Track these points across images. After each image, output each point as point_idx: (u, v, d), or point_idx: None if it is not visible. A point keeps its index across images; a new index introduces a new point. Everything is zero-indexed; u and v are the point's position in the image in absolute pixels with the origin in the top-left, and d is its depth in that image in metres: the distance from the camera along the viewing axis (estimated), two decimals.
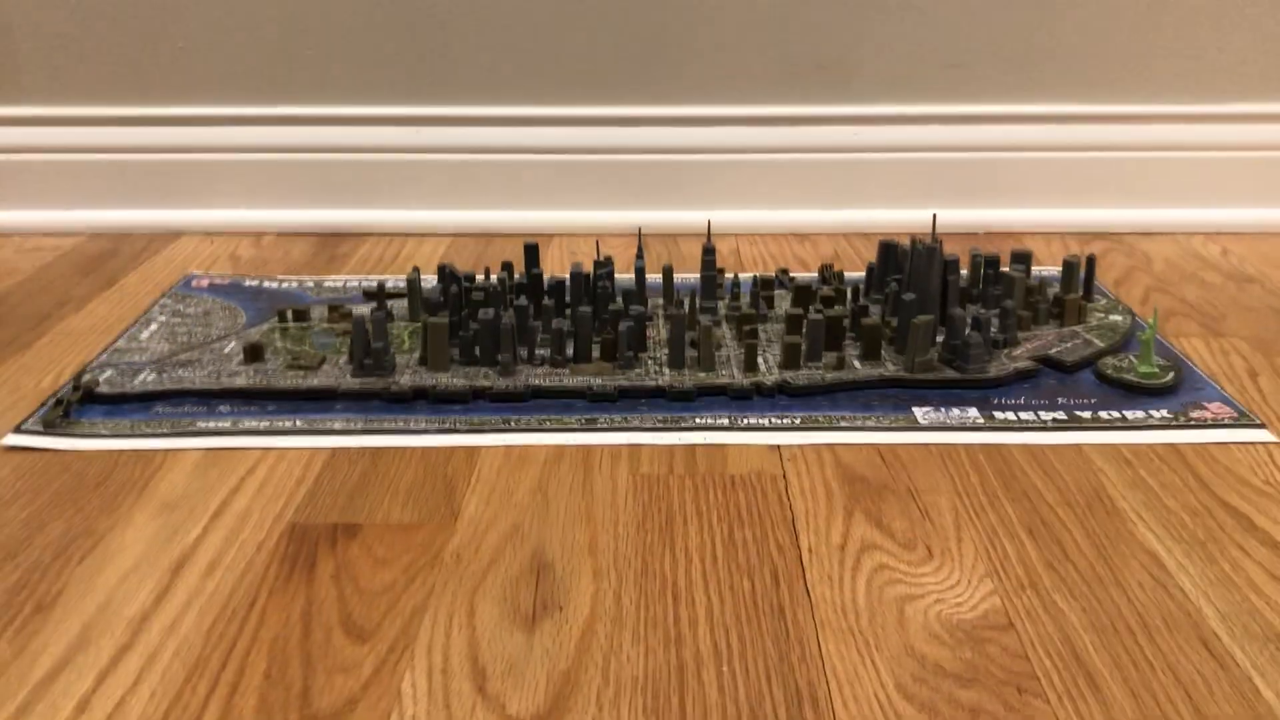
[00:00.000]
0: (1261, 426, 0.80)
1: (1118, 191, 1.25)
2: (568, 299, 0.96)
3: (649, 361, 0.90)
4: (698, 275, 1.01)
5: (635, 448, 0.78)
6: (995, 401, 0.84)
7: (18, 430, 0.80)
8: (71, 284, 1.12)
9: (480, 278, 0.99)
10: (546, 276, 0.97)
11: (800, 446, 0.78)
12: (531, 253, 0.99)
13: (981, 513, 0.70)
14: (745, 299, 1.01)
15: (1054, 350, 0.91)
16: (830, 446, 0.78)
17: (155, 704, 0.54)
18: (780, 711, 0.53)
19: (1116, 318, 0.97)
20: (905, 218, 1.25)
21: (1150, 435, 0.79)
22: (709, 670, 0.56)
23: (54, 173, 1.28)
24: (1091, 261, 1.00)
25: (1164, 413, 0.82)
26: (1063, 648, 0.57)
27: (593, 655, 0.57)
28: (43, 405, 0.84)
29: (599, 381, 0.86)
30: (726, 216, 1.26)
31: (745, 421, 0.81)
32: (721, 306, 1.00)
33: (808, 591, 0.62)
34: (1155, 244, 1.22)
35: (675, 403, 0.84)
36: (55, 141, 1.27)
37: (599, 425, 0.81)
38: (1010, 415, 0.82)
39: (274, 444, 0.79)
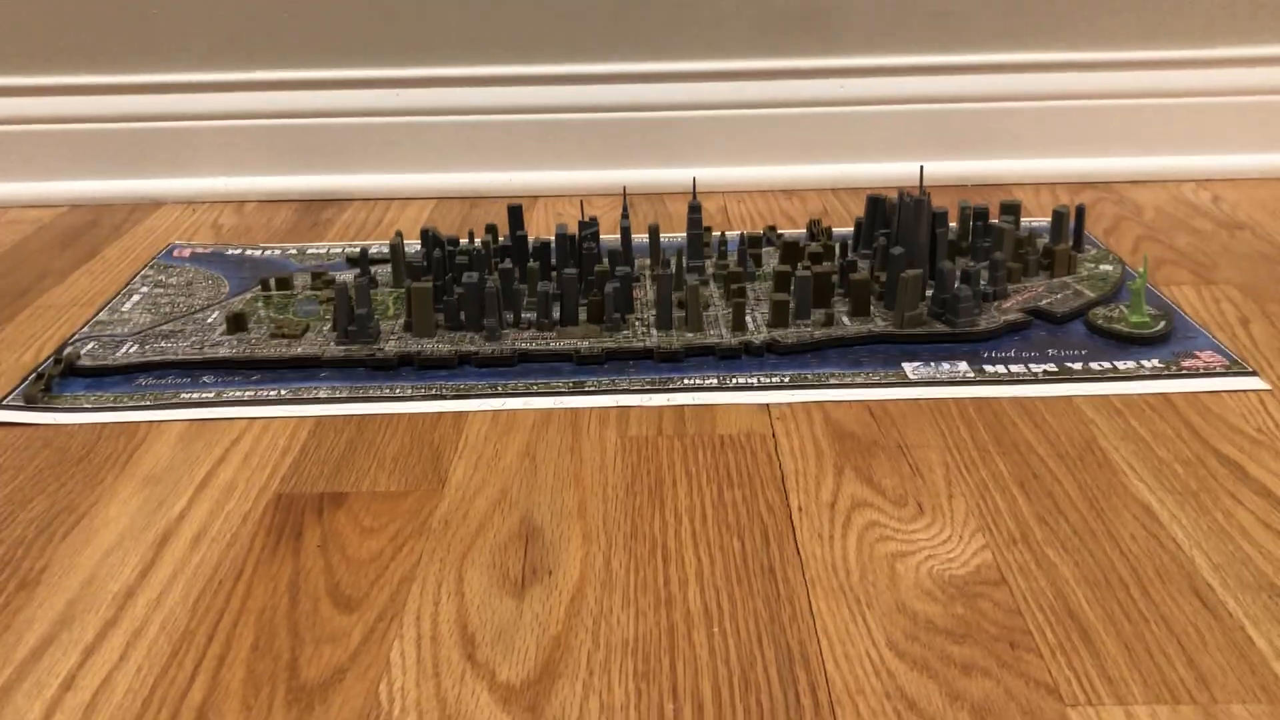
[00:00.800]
0: (1253, 374, 0.79)
1: (1107, 140, 1.24)
2: (553, 261, 0.95)
3: (636, 323, 0.89)
4: (684, 235, 1.00)
5: (624, 410, 0.77)
6: (985, 355, 0.83)
7: None
8: (52, 257, 1.10)
9: (464, 241, 0.97)
10: (531, 239, 0.96)
11: (789, 405, 0.77)
12: (515, 215, 0.98)
13: (972, 467, 0.69)
14: (733, 257, 1.00)
15: (1044, 302, 0.90)
16: (820, 404, 0.77)
17: (141, 679, 0.53)
18: (771, 671, 0.53)
19: (1107, 267, 0.96)
20: (894, 171, 1.24)
21: (1141, 385, 0.78)
22: (700, 631, 0.55)
23: (32, 144, 1.26)
24: (1081, 211, 0.99)
25: (1155, 362, 0.81)
26: (1055, 602, 0.57)
27: (583, 619, 0.57)
28: (24, 380, 0.83)
29: (586, 344, 0.85)
30: (713, 174, 1.25)
31: (734, 381, 0.80)
32: (709, 265, 0.99)
33: (798, 550, 0.61)
34: (1146, 192, 1.21)
35: (663, 364, 0.83)
36: (32, 112, 1.25)
37: (587, 388, 0.80)
38: (1000, 368, 0.81)
39: (259, 414, 0.78)
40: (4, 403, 0.80)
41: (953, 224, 1.02)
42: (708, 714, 0.50)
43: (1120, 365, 0.81)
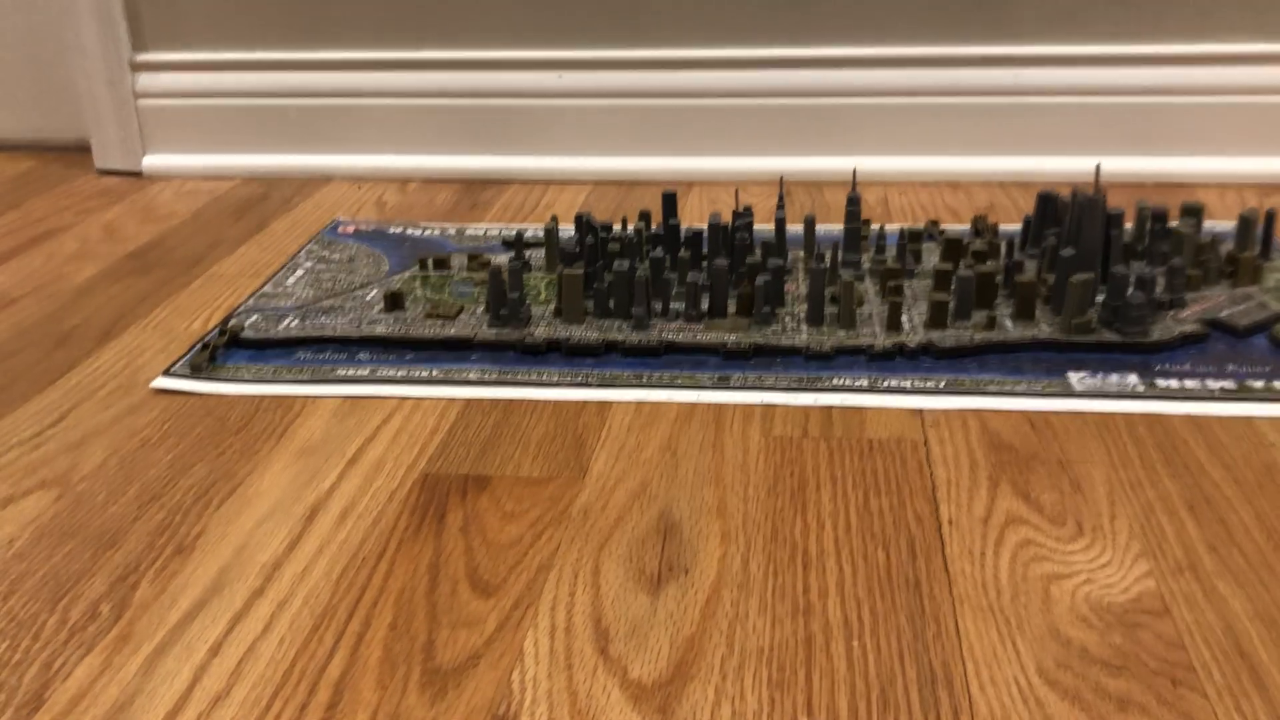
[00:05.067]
0: None
1: None
2: (705, 251, 0.94)
3: (786, 318, 0.87)
4: (842, 227, 0.97)
5: (769, 408, 0.76)
6: (1158, 368, 0.79)
7: (166, 373, 0.83)
8: (224, 227, 1.15)
9: (617, 228, 0.97)
10: (684, 227, 0.95)
11: (944, 411, 0.74)
12: (669, 202, 0.97)
13: (1138, 487, 0.65)
14: (891, 252, 0.97)
15: (1225, 313, 0.84)
16: (976, 412, 0.74)
17: (284, 650, 0.55)
18: (912, 691, 0.51)
19: None
20: (1067, 166, 1.19)
21: None
22: (838, 644, 0.54)
23: (209, 117, 1.31)
24: (1271, 216, 0.93)
25: None
26: (1224, 638, 0.53)
27: (717, 622, 0.56)
28: (191, 348, 0.86)
29: (734, 338, 0.84)
30: (875, 164, 1.21)
31: (886, 383, 0.78)
32: (865, 260, 0.96)
33: (946, 566, 0.59)
34: None
35: (812, 362, 0.81)
36: (210, 86, 1.30)
37: (732, 383, 0.79)
38: (1174, 383, 0.76)
39: (410, 393, 0.79)
40: (171, 371, 0.83)
41: (1129, 226, 0.97)
42: None
43: None
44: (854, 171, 0.95)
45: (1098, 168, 0.84)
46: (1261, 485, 0.65)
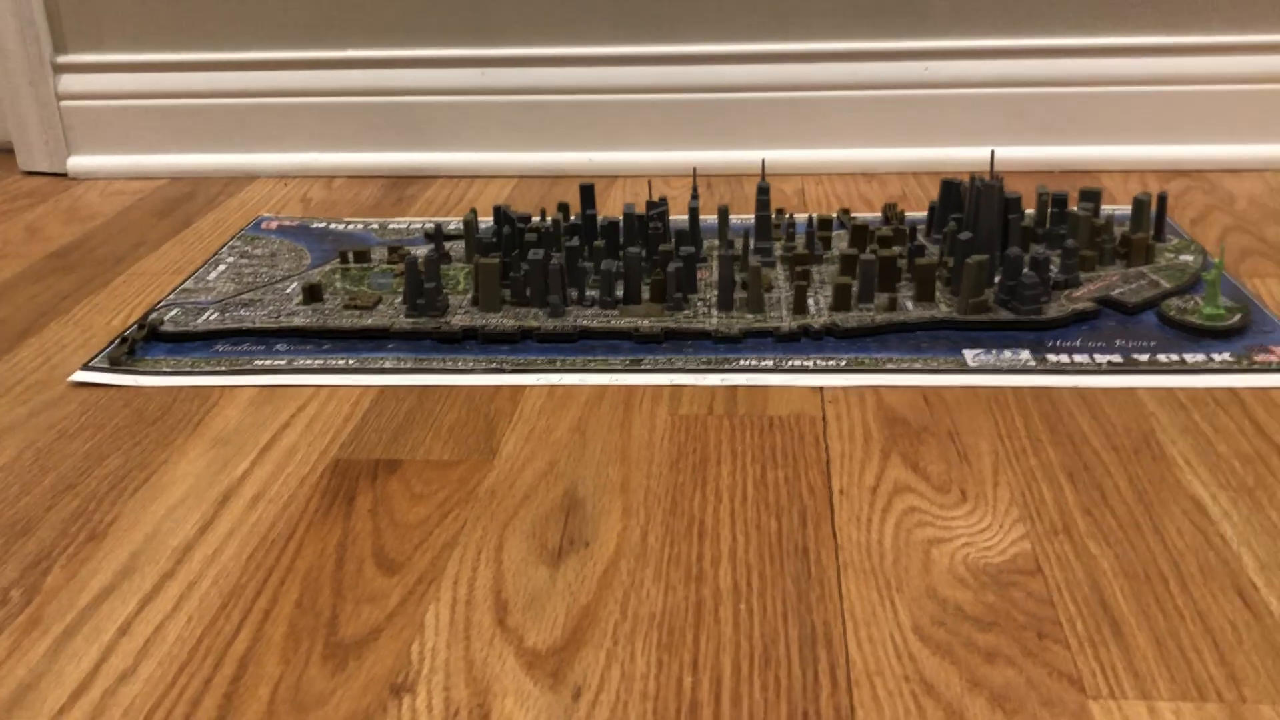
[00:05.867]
0: None
1: (1202, 127, 1.20)
2: (621, 240, 0.96)
3: (698, 303, 0.89)
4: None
5: (677, 388, 0.78)
6: (1050, 344, 0.82)
7: (85, 367, 0.84)
8: (148, 227, 1.15)
9: (536, 219, 0.99)
10: (601, 218, 0.97)
11: (844, 388, 0.77)
12: (587, 194, 0.99)
13: (1022, 456, 0.68)
14: (801, 239, 0.99)
15: (1116, 291, 0.88)
16: (875, 388, 0.77)
17: (191, 629, 0.56)
18: (794, 649, 0.53)
19: (1187, 258, 0.94)
20: (978, 156, 1.22)
21: (1209, 379, 0.76)
22: (726, 607, 0.56)
23: (135, 119, 1.32)
24: (1163, 199, 0.97)
25: (1226, 356, 0.79)
26: (1090, 594, 0.56)
27: (613, 591, 0.58)
28: (110, 343, 0.87)
29: (646, 323, 0.86)
30: (792, 156, 1.24)
31: (790, 363, 0.81)
32: (778, 247, 0.99)
33: (834, 532, 0.62)
34: (1241, 181, 1.17)
35: (721, 344, 0.84)
36: (135, 87, 1.31)
37: (643, 366, 0.81)
38: (1064, 358, 0.80)
39: (326, 381, 0.81)
40: (90, 364, 0.84)
41: (1031, 211, 1.00)
42: (725, 688, 0.51)
43: (1189, 358, 0.79)
44: (763, 162, 0.98)
45: (992, 154, 0.88)
46: (1138, 451, 0.68)
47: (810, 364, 0.80)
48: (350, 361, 0.83)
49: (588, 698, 0.51)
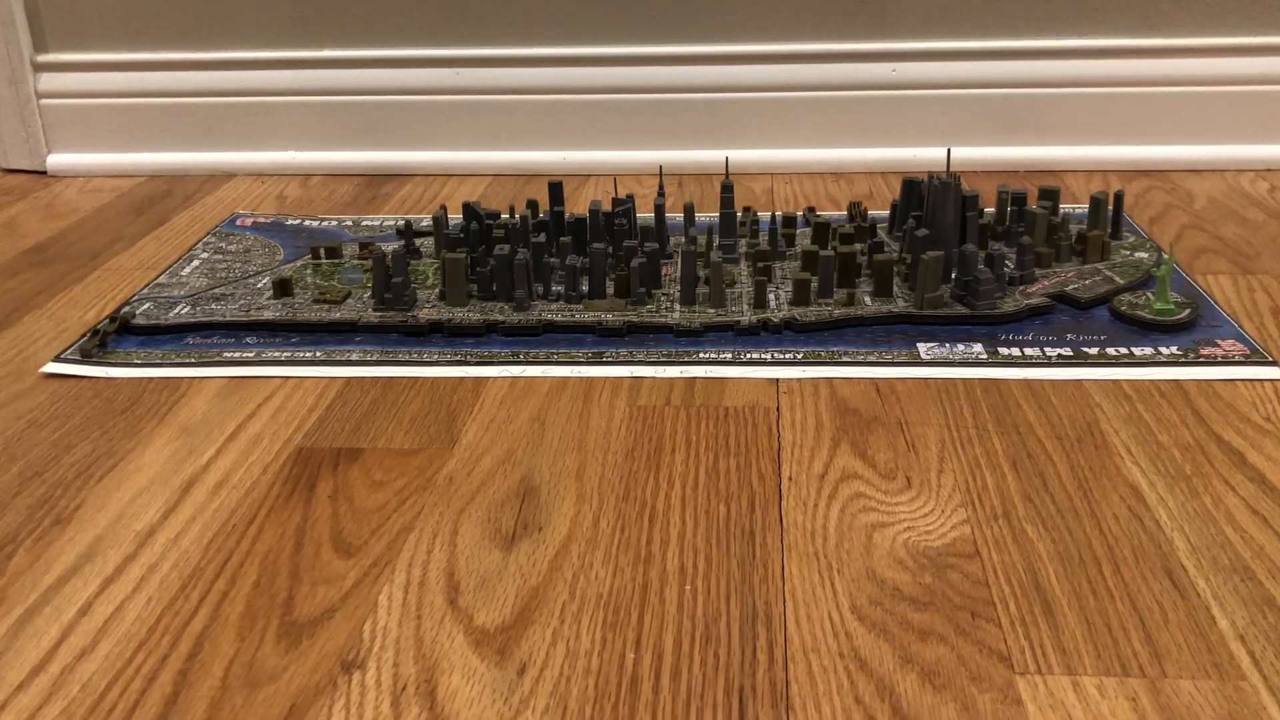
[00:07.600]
0: (1273, 364, 0.79)
1: (1163, 127, 1.22)
2: (588, 237, 0.98)
3: (662, 298, 0.91)
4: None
5: (636, 380, 0.80)
6: (1003, 338, 0.84)
7: (57, 359, 0.85)
8: (125, 223, 1.17)
9: (505, 215, 1.01)
10: (568, 215, 0.99)
11: (799, 380, 0.79)
12: (556, 191, 1.01)
13: (968, 445, 0.70)
14: (764, 236, 1.01)
15: (1070, 287, 0.90)
16: (829, 380, 0.79)
17: (150, 609, 0.58)
18: (734, 628, 0.55)
19: (1141, 255, 0.96)
20: (943, 155, 1.24)
21: (1156, 371, 0.78)
22: (672, 589, 0.58)
23: (114, 117, 1.33)
24: (1119, 198, 0.99)
25: (1173, 349, 0.81)
26: (1025, 576, 0.58)
27: (563, 573, 0.59)
28: (82, 336, 0.89)
29: (610, 317, 0.88)
30: (762, 156, 1.26)
31: (748, 356, 0.82)
32: (742, 244, 1.00)
33: (781, 517, 0.63)
34: (1200, 181, 1.19)
35: (682, 338, 0.86)
36: (114, 86, 1.32)
37: (605, 359, 0.83)
38: (1015, 351, 0.82)
39: (293, 373, 0.82)
40: (61, 356, 0.85)
41: (991, 209, 1.02)
42: (666, 664, 0.53)
43: (1137, 351, 0.81)
44: (726, 160, 0.99)
45: (948, 152, 0.89)
46: (1081, 441, 0.70)
47: (768, 356, 0.82)
48: (317, 354, 0.85)
49: (532, 673, 0.53)
